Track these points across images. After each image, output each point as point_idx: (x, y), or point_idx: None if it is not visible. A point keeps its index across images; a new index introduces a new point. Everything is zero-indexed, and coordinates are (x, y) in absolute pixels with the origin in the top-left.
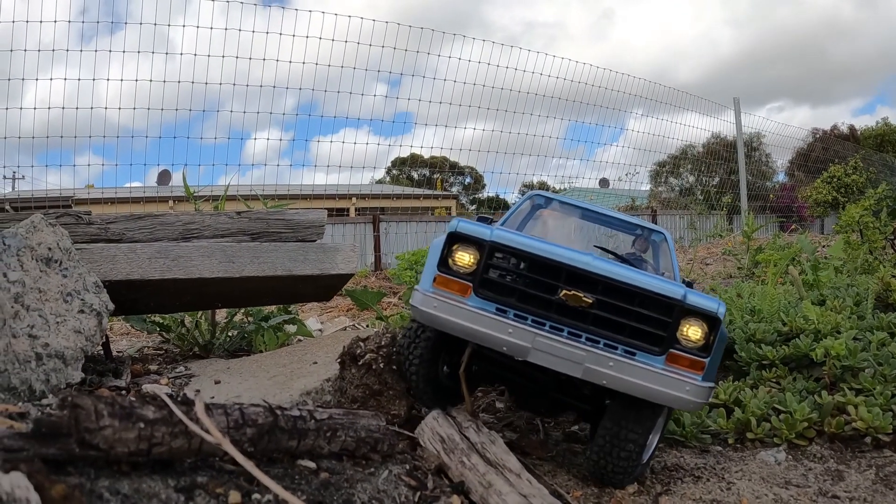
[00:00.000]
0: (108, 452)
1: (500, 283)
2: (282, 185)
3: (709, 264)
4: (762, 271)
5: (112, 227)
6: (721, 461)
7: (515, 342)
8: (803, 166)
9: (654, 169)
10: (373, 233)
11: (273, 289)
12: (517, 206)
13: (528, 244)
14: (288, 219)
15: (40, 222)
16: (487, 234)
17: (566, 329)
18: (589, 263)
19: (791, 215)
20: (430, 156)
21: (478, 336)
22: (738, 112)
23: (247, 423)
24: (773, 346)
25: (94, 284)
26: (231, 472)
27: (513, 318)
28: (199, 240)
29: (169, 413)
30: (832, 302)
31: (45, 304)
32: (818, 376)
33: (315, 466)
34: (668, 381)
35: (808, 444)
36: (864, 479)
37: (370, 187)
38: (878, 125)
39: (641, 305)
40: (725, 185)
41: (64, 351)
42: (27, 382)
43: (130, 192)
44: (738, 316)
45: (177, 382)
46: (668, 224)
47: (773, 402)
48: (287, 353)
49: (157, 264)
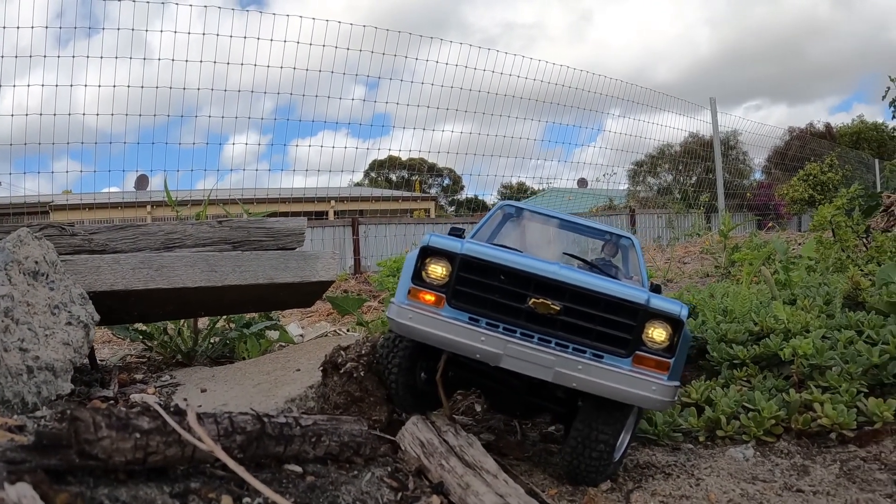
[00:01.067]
0: (106, 462)
1: (471, 294)
2: (260, 189)
3: (686, 263)
4: (738, 270)
5: (95, 238)
6: (691, 458)
7: (488, 349)
8: (780, 164)
9: (631, 169)
10: (352, 236)
11: (255, 297)
12: (488, 217)
13: (497, 256)
14: (269, 227)
15: (27, 236)
16: (458, 247)
17: (536, 335)
18: (556, 273)
19: (768, 213)
20: (408, 158)
21: (452, 345)
22: (714, 112)
23: (236, 431)
24: (744, 346)
25: (79, 296)
26: (222, 478)
27: (485, 326)
28: (182, 249)
29: (163, 423)
30: (802, 301)
31: (33, 317)
32: (787, 374)
33: (301, 470)
34: (635, 381)
35: (775, 441)
36: (829, 474)
37: (349, 190)
38: (854, 123)
39: (607, 311)
40: (703, 183)
41: (54, 363)
42: (20, 395)
43: (109, 197)
44: (711, 316)
45: (164, 391)
46: (646, 223)
47: (742, 401)
48: (270, 361)
49: (140, 274)
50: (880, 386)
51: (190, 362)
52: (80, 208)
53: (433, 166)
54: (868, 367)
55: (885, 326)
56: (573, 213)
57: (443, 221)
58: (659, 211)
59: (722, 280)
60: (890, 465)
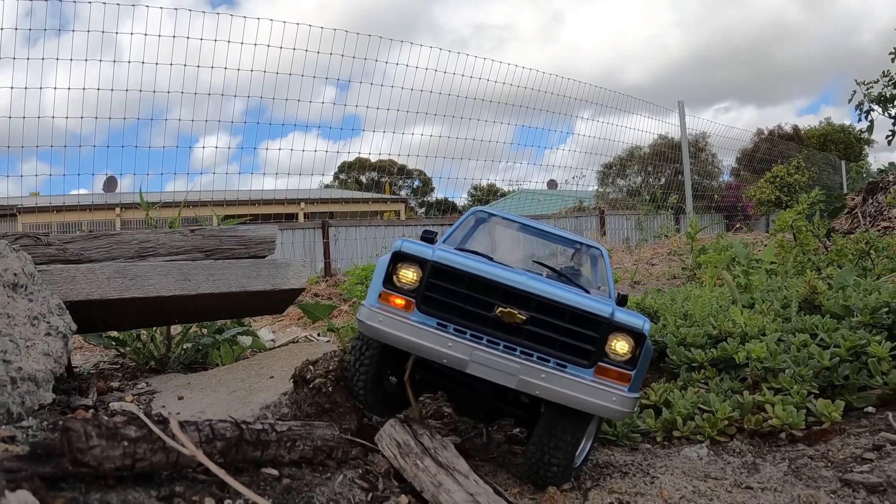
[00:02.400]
0: (97, 469)
1: (440, 300)
2: (231, 191)
3: (654, 264)
4: (703, 272)
5: (70, 248)
6: (648, 458)
7: (455, 355)
8: (749, 166)
9: (601, 171)
10: (322, 239)
11: (228, 304)
12: (460, 222)
13: (467, 264)
14: (240, 235)
15: (5, 248)
16: (430, 253)
17: (502, 343)
18: (523, 283)
19: (736, 214)
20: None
21: (420, 349)
22: (682, 115)
23: (216, 437)
24: (702, 349)
25: (57, 307)
26: (203, 482)
27: (453, 332)
28: (155, 258)
29: (149, 432)
30: (761, 305)
31: (14, 328)
32: (743, 377)
33: (277, 474)
34: (597, 391)
35: (729, 441)
36: (777, 471)
37: (319, 192)
38: (821, 125)
39: (572, 322)
40: (672, 185)
41: (36, 374)
42: (5, 405)
43: (79, 200)
44: (672, 320)
45: (141, 399)
46: (615, 224)
47: (698, 402)
48: (244, 368)
49: (115, 284)
50: (832, 387)
51: (163, 368)
52: (48, 211)
53: (403, 168)
54: (820, 369)
55: (838, 330)
56: (543, 214)
57: (413, 223)
58: (628, 212)
59: (688, 282)
60: (836, 462)
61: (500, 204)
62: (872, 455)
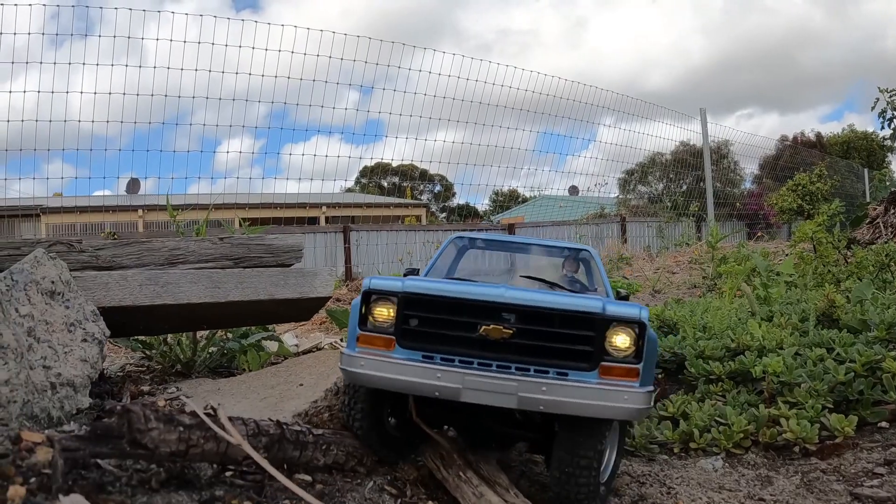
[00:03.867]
0: (153, 452)
1: (420, 332)
2: (254, 195)
3: (675, 273)
4: (724, 283)
5: (102, 254)
6: (665, 469)
7: (446, 385)
8: (771, 173)
9: (622, 177)
10: (343, 244)
11: (256, 311)
12: (440, 252)
13: (438, 289)
14: (268, 244)
15: (43, 256)
16: (399, 286)
17: (494, 363)
18: (501, 295)
19: (758, 222)
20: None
21: (409, 387)
22: (704, 122)
23: (261, 433)
24: (720, 362)
25: (91, 313)
26: (241, 486)
27: (440, 362)
28: (185, 265)
29: (201, 421)
30: (779, 318)
31: (52, 335)
32: (760, 390)
33: (311, 479)
34: (606, 393)
35: (744, 453)
36: (790, 484)
37: (341, 196)
38: (844, 132)
39: (562, 325)
40: (693, 192)
41: (74, 379)
42: (46, 410)
43: (104, 201)
44: (691, 332)
45: (173, 404)
46: (636, 231)
47: (715, 415)
48: (273, 375)
49: (147, 290)
50: (846, 402)
51: (189, 372)
52: (72, 211)
53: (425, 173)
54: (835, 384)
55: (854, 345)
56: (564, 220)
57: (434, 228)
58: (649, 219)
59: (708, 292)
60: (847, 476)
61: (521, 210)
62: (883, 470)
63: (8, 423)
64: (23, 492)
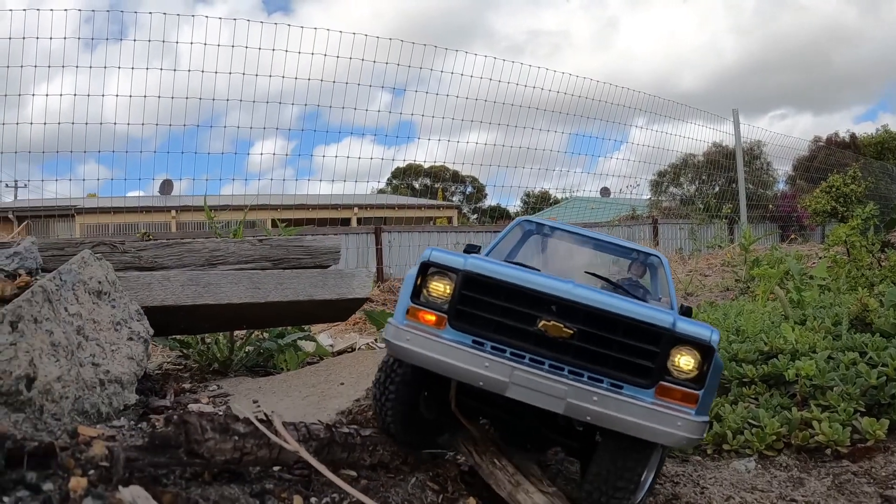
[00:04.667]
0: (209, 461)
1: (475, 315)
2: (287, 196)
3: (707, 275)
4: (757, 286)
5: (144, 255)
6: (699, 469)
7: (492, 376)
8: (805, 175)
9: (654, 179)
10: (375, 245)
11: (294, 312)
12: (505, 234)
13: (503, 273)
14: (306, 245)
15: (90, 257)
16: (461, 262)
17: (547, 361)
18: (569, 291)
19: (791, 224)
20: (430, 165)
21: (452, 370)
22: (736, 123)
23: (312, 438)
24: (753, 365)
25: (136, 312)
26: (289, 481)
27: (490, 350)
28: (225, 266)
29: (255, 429)
30: (812, 322)
31: (100, 333)
32: (792, 393)
33: (356, 475)
34: (658, 416)
35: (776, 455)
36: (821, 486)
37: (374, 197)
38: (878, 132)
39: (627, 335)
40: (726, 193)
41: (121, 376)
42: (95, 406)
43: (139, 201)
44: (724, 335)
45: (216, 401)
46: (668, 233)
47: (748, 417)
48: (312, 374)
49: (189, 291)
50: (878, 405)
51: (226, 371)
52: (107, 212)
53: (456, 174)
54: (867, 388)
55: (887, 349)
56: (596, 222)
57: (465, 230)
58: (681, 221)
59: (741, 295)
60: (878, 479)
61: (553, 211)
62: None
63: (60, 417)
64: (84, 483)
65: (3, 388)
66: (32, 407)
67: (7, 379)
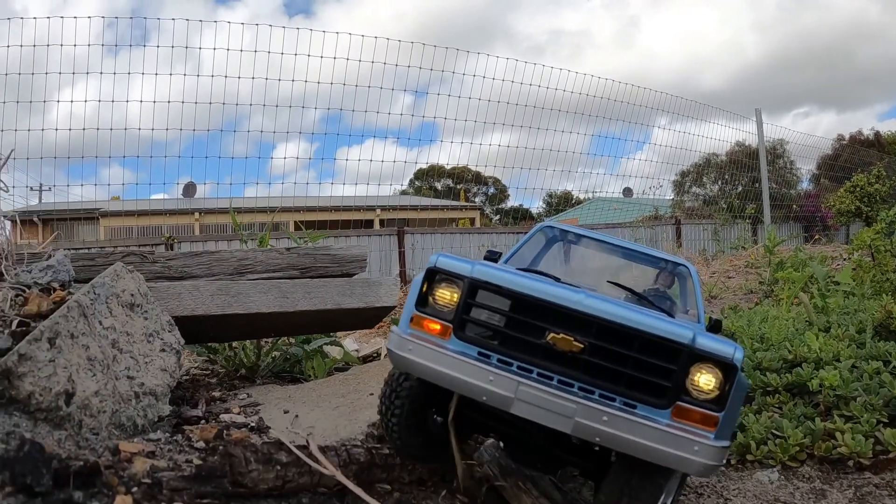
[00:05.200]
0: (252, 489)
1: (481, 325)
2: (309, 198)
3: (731, 277)
4: (780, 289)
5: (173, 264)
6: (722, 480)
7: (496, 391)
8: (828, 174)
9: (677, 179)
10: (398, 248)
11: (322, 320)
12: (526, 240)
13: (510, 281)
14: (333, 254)
15: (122, 270)
16: (468, 269)
17: (556, 377)
18: (580, 302)
19: (815, 224)
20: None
21: (456, 384)
22: (759, 123)
23: (352, 462)
24: (777, 374)
25: (167, 323)
26: (325, 495)
27: (496, 363)
28: (252, 274)
29: (297, 458)
30: (836, 330)
31: (133, 345)
32: (816, 402)
33: (390, 488)
34: (674, 439)
35: (799, 466)
36: (843, 498)
37: (397, 199)
38: None
39: (641, 350)
40: (749, 193)
41: (155, 388)
42: (132, 419)
43: (164, 204)
44: (748, 343)
45: (247, 411)
46: (691, 234)
47: (772, 427)
48: (341, 383)
49: (218, 300)
50: None
51: (253, 377)
52: (132, 215)
53: (478, 175)
54: (890, 398)
55: None
56: (619, 223)
57: (488, 231)
58: (705, 221)
59: (765, 298)
60: None
61: (576, 212)
62: None
63: (98, 431)
64: (129, 501)
65: (43, 404)
66: (71, 422)
67: (47, 395)
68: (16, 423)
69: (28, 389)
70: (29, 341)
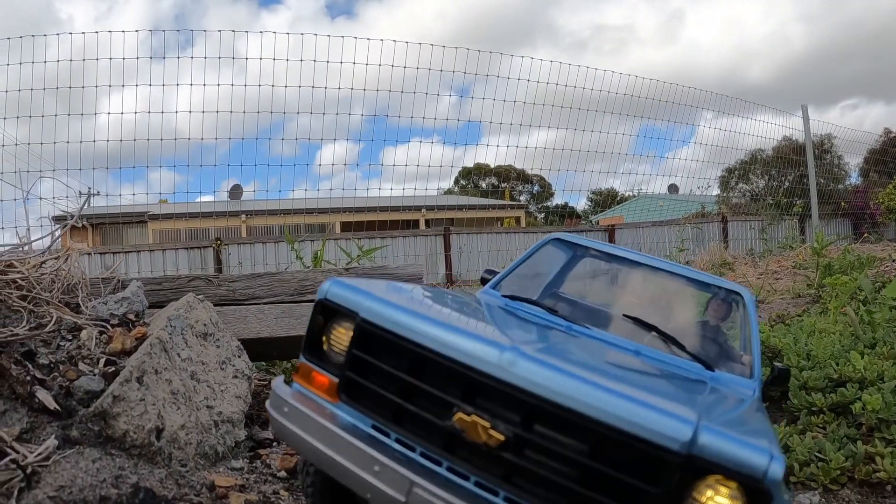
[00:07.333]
0: None
1: (370, 388)
2: (357, 198)
3: (779, 278)
4: (828, 295)
5: (236, 287)
6: None
7: (383, 490)
8: (877, 168)
9: (723, 175)
10: (444, 251)
11: None
12: (530, 253)
13: (401, 321)
14: (390, 272)
15: (194, 301)
16: (362, 302)
17: (473, 477)
18: (497, 364)
19: (864, 220)
20: (496, 165)
21: (334, 469)
22: (806, 119)
23: None
24: (822, 393)
25: (237, 348)
26: None
27: (394, 447)
28: (314, 295)
29: None
30: (881, 347)
31: (209, 374)
32: (860, 423)
33: None
34: None
35: (840, 489)
36: None
37: (445, 198)
38: None
39: (603, 454)
40: (796, 189)
41: (232, 415)
42: (213, 447)
43: (214, 206)
44: (795, 360)
45: None
46: (738, 232)
47: (815, 449)
48: None
49: (283, 323)
50: None
51: None
52: (186, 217)
53: (523, 173)
54: None
55: None
56: (665, 220)
57: (533, 230)
58: (751, 218)
59: (813, 303)
60: None
61: (622, 209)
62: None
63: (186, 463)
64: None
65: (136, 441)
66: (162, 455)
67: (140, 433)
68: (120, 465)
69: (123, 428)
70: (121, 382)
